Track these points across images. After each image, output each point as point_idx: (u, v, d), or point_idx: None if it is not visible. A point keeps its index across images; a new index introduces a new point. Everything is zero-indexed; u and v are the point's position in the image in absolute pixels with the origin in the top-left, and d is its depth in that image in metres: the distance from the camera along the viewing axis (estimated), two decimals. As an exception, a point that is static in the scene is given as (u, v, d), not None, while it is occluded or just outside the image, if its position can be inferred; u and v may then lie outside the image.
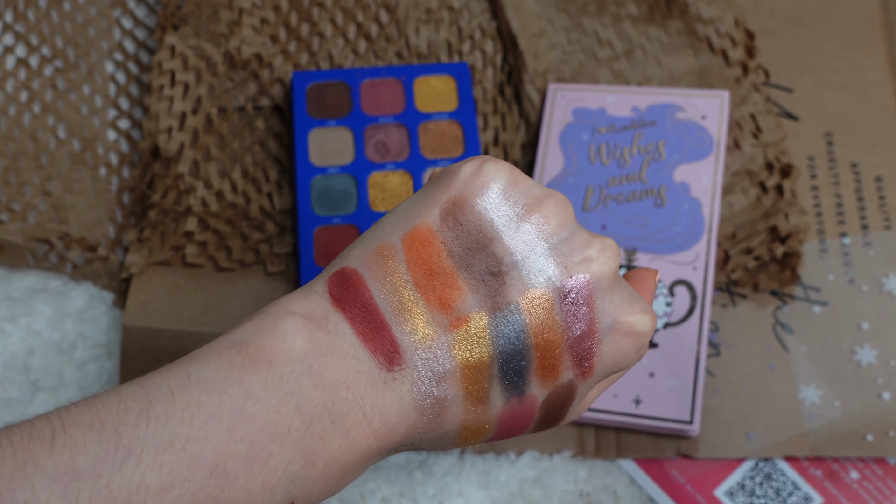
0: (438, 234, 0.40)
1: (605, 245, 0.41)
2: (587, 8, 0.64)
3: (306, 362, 0.37)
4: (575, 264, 0.40)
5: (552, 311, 0.39)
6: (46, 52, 0.63)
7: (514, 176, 0.40)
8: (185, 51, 0.61)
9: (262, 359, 0.37)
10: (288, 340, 0.38)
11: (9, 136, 0.61)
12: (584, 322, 0.40)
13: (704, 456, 0.54)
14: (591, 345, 0.40)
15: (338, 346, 0.38)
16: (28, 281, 0.59)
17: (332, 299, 0.39)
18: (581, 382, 0.41)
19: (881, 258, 0.57)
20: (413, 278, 0.39)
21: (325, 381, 0.37)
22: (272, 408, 0.36)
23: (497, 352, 0.39)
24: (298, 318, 0.38)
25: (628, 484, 0.54)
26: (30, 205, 0.60)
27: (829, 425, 0.54)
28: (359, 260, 0.40)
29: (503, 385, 0.40)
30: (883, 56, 0.62)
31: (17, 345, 0.58)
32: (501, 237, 0.39)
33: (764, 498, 0.53)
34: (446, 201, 0.40)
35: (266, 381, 0.37)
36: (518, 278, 0.39)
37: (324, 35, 0.63)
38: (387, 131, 0.59)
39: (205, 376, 0.36)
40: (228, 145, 0.60)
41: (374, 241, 0.41)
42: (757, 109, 0.60)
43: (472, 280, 0.39)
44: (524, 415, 0.41)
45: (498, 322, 0.39)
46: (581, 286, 0.40)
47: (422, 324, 0.39)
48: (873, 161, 0.60)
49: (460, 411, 0.40)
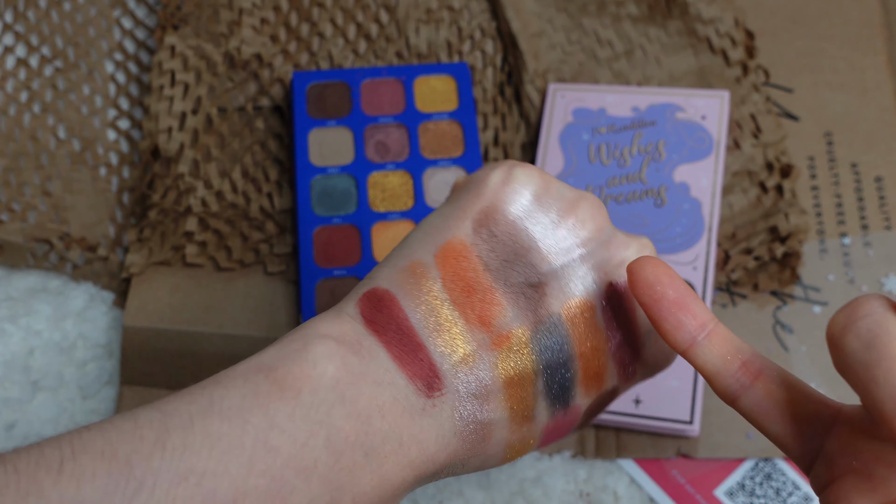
0: (473, 248, 0.38)
1: (643, 245, 0.39)
2: (587, 8, 0.64)
3: (338, 390, 0.35)
4: (614, 268, 0.38)
5: (594, 319, 0.38)
6: (46, 52, 0.63)
7: (545, 180, 0.38)
8: (185, 51, 0.61)
9: (291, 386, 0.34)
10: (319, 367, 0.35)
11: (9, 136, 0.61)
12: (627, 327, 0.38)
13: (704, 456, 0.54)
14: (635, 349, 0.38)
15: (372, 371, 0.35)
16: (28, 281, 0.59)
17: (364, 321, 0.37)
18: (623, 385, 0.39)
19: (881, 258, 0.57)
20: (450, 296, 0.37)
21: (359, 411, 0.35)
22: (299, 440, 0.33)
23: (541, 366, 0.37)
24: (330, 342, 0.36)
25: (628, 484, 0.54)
26: (30, 205, 0.60)
27: (829, 425, 0.54)
28: (389, 280, 0.38)
29: (548, 400, 0.38)
30: (883, 56, 0.62)
31: (18, 345, 0.58)
32: (538, 246, 0.37)
33: (764, 498, 0.53)
34: (479, 212, 0.38)
35: (294, 411, 0.34)
36: (558, 288, 0.37)
37: (324, 35, 0.63)
38: (387, 131, 0.59)
39: (228, 403, 0.34)
40: (228, 145, 0.60)
41: (404, 259, 0.38)
42: (757, 109, 0.60)
43: (512, 293, 0.37)
44: (568, 424, 0.39)
45: (541, 336, 0.37)
46: (622, 291, 0.38)
47: (462, 344, 0.37)
48: (873, 161, 0.60)
49: (505, 433, 0.37)
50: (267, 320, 0.56)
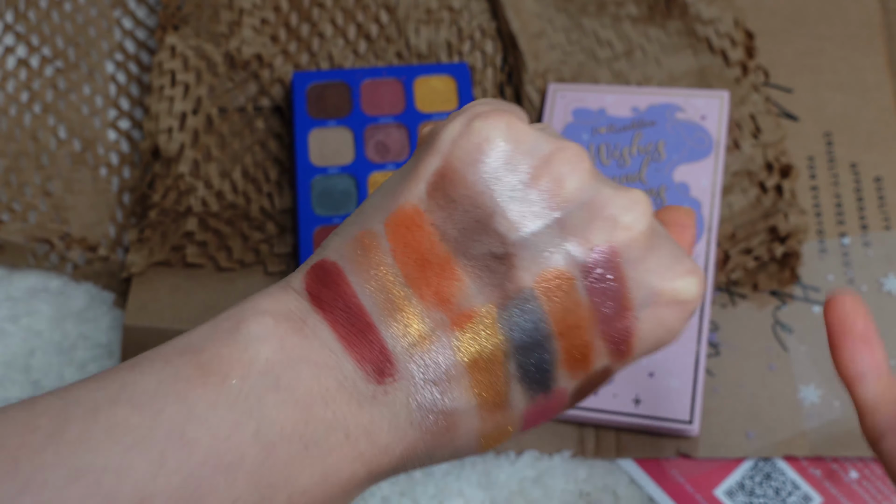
0: (427, 215, 0.33)
1: (633, 200, 0.33)
2: (587, 8, 0.64)
3: (273, 375, 0.31)
4: (596, 231, 0.33)
5: (574, 292, 0.33)
6: (47, 52, 0.63)
7: (514, 131, 0.33)
8: (185, 51, 0.61)
9: (217, 371, 0.30)
10: (251, 348, 0.31)
11: (10, 137, 0.61)
12: (615, 299, 0.33)
13: (704, 455, 0.54)
14: (627, 324, 0.34)
15: (315, 353, 0.32)
16: (29, 281, 0.59)
17: (310, 297, 0.33)
18: (618, 365, 0.35)
19: (880, 258, 0.57)
20: (402, 270, 0.33)
21: (297, 398, 0.31)
22: (222, 432, 0.30)
23: (512, 348, 0.33)
24: (268, 319, 0.32)
25: (628, 484, 0.54)
26: (30, 205, 0.60)
27: (828, 425, 0.54)
28: (338, 251, 0.34)
29: (525, 384, 0.33)
30: (882, 57, 0.62)
31: (18, 345, 0.58)
32: (504, 211, 0.32)
33: (763, 497, 0.53)
34: (433, 173, 0.33)
35: (217, 399, 0.30)
36: (529, 258, 0.32)
37: (324, 35, 0.63)
38: (387, 131, 0.59)
39: (141, 389, 0.30)
40: (229, 145, 0.60)
41: (354, 227, 0.34)
42: (756, 110, 0.60)
43: (474, 267, 0.33)
44: (553, 408, 0.35)
45: (510, 313, 0.33)
46: (606, 258, 0.33)
47: (416, 324, 0.32)
48: (873, 161, 0.60)
49: (475, 422, 0.33)
50: (267, 320, 0.56)
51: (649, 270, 0.34)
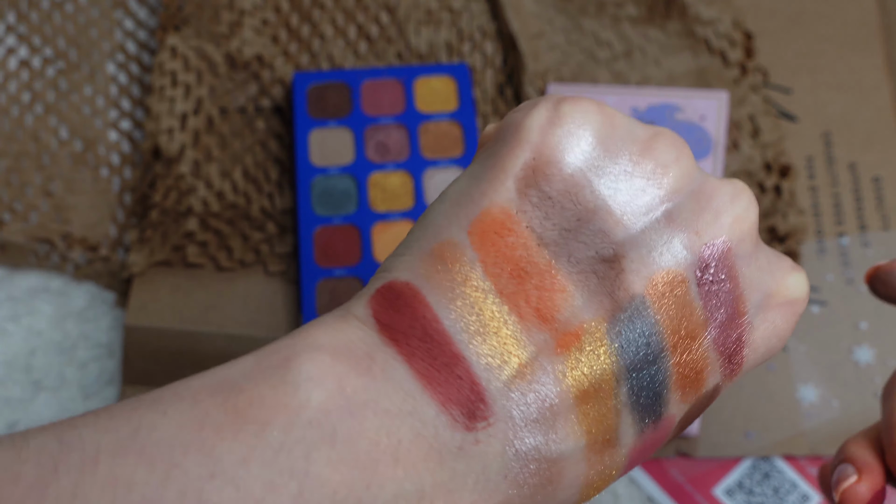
0: (521, 217, 0.28)
1: (738, 190, 0.29)
2: (586, 9, 0.64)
3: (327, 425, 0.25)
4: (708, 225, 0.29)
5: (688, 297, 0.28)
6: (49, 53, 0.64)
7: (607, 115, 0.29)
8: (186, 52, 0.62)
9: (255, 418, 0.24)
10: (301, 391, 0.25)
11: (11, 137, 0.61)
12: (730, 303, 0.29)
13: (703, 455, 0.54)
14: (741, 332, 0.29)
15: (386, 398, 0.26)
16: (30, 281, 0.60)
17: (378, 326, 0.27)
18: (727, 383, 0.30)
19: (879, 258, 0.57)
20: (495, 284, 0.27)
21: (357, 454, 0.25)
22: (251, 495, 0.24)
23: (623, 368, 0.27)
24: (324, 356, 0.26)
25: (627, 483, 0.54)
26: (32, 205, 0.60)
27: (827, 424, 0.54)
28: (411, 269, 0.28)
29: (635, 413, 0.28)
30: (881, 57, 0.62)
31: (19, 344, 0.58)
32: (609, 205, 0.28)
33: (762, 496, 0.53)
34: (523, 167, 0.28)
35: (250, 454, 0.24)
36: (639, 259, 0.28)
37: (324, 36, 0.63)
38: (387, 132, 0.59)
39: (157, 436, 0.24)
40: (229, 146, 0.60)
41: (428, 239, 0.28)
42: (755, 110, 0.60)
43: (580, 273, 0.28)
44: (656, 443, 0.29)
45: (621, 327, 0.27)
46: (721, 254, 0.29)
47: (515, 350, 0.27)
48: (871, 161, 0.60)
49: (582, 468, 0.27)
50: (267, 320, 0.56)
51: (761, 268, 0.30)
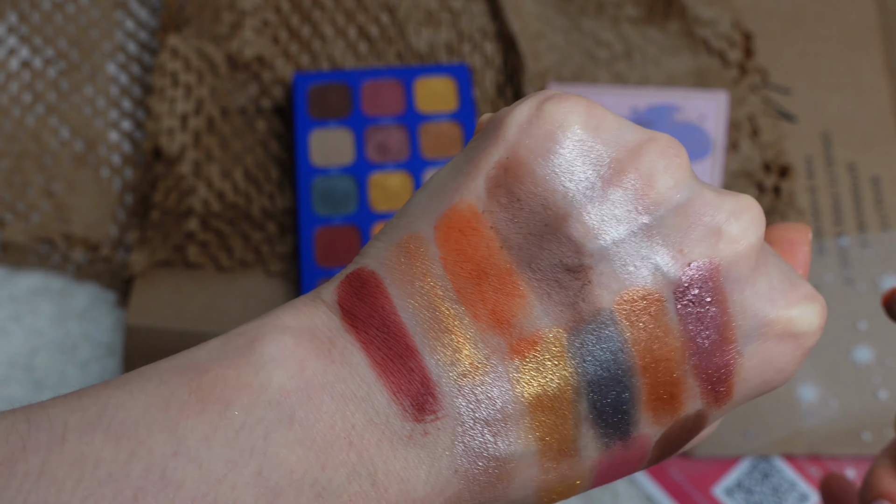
0: (486, 216, 0.27)
1: (741, 206, 0.28)
2: (586, 9, 0.64)
3: (286, 407, 0.26)
4: (696, 243, 0.27)
5: (664, 317, 0.27)
6: (50, 53, 0.64)
7: (594, 117, 0.27)
8: (187, 52, 0.62)
9: (217, 397, 0.25)
10: (263, 373, 0.26)
11: (13, 138, 0.62)
12: (715, 328, 0.27)
13: (703, 454, 0.54)
14: (728, 360, 0.28)
15: (342, 382, 0.26)
16: (31, 281, 0.60)
17: (342, 313, 0.27)
18: (714, 411, 0.29)
19: (878, 258, 0.58)
20: (453, 283, 0.27)
21: (314, 436, 0.26)
22: (214, 472, 0.24)
23: (584, 382, 0.27)
24: (289, 338, 0.27)
25: (627, 483, 0.54)
26: (33, 205, 0.60)
27: (826, 424, 0.54)
28: (378, 258, 0.28)
29: (598, 429, 0.28)
30: (880, 57, 0.62)
31: (21, 344, 0.58)
32: (580, 213, 0.27)
33: (761, 496, 0.53)
34: (495, 166, 0.27)
35: (213, 433, 0.25)
36: (610, 272, 0.27)
37: (325, 37, 0.63)
38: (387, 132, 0.59)
39: (123, 415, 0.25)
40: (230, 146, 0.60)
41: (400, 230, 0.28)
42: (755, 110, 0.61)
43: (540, 281, 0.27)
44: (631, 460, 0.29)
45: (583, 340, 0.27)
46: (707, 276, 0.27)
47: (467, 350, 0.27)
48: (870, 161, 0.60)
49: (535, 471, 0.28)
50: (268, 320, 0.56)
51: (758, 294, 0.28)
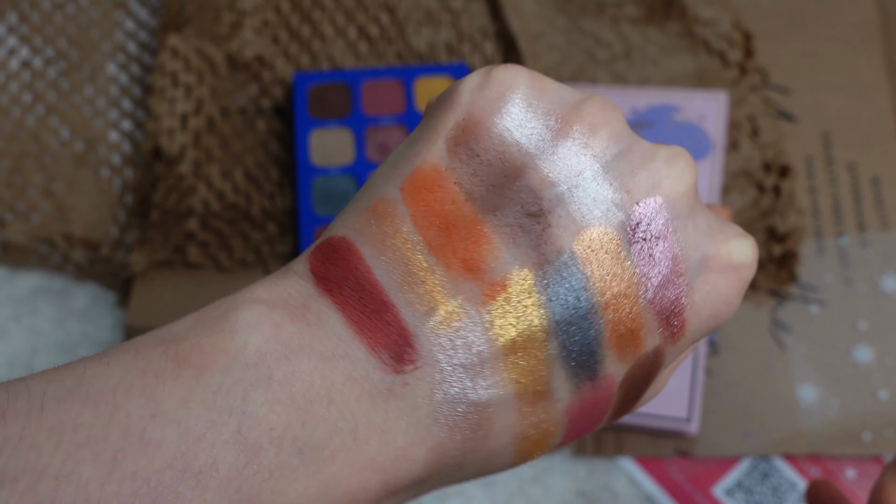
0: (449, 173, 0.29)
1: (675, 153, 0.30)
2: (586, 10, 0.64)
3: (263, 368, 0.26)
4: (640, 184, 0.29)
5: (619, 254, 0.29)
6: (50, 54, 0.64)
7: (537, 80, 0.30)
8: (187, 52, 0.62)
9: (195, 363, 0.26)
10: (238, 338, 0.27)
11: (13, 138, 0.62)
12: (665, 262, 0.29)
13: (703, 454, 0.54)
14: (679, 293, 0.30)
15: (319, 343, 0.27)
16: (31, 281, 0.60)
17: (315, 280, 0.29)
18: (670, 347, 0.30)
19: (878, 258, 0.58)
20: (424, 237, 0.28)
21: (293, 395, 0.26)
22: (192, 431, 0.25)
23: (553, 322, 0.28)
24: (262, 307, 0.27)
25: (627, 482, 0.54)
26: (33, 205, 0.60)
27: (826, 424, 0.54)
28: (347, 225, 0.30)
29: (568, 367, 0.29)
30: (880, 57, 0.62)
31: (21, 344, 0.58)
32: (536, 163, 0.29)
33: (761, 496, 0.53)
34: (452, 127, 0.30)
35: (189, 396, 0.26)
36: (567, 216, 0.29)
37: (325, 37, 0.63)
38: (387, 132, 0.59)
39: (101, 383, 0.26)
40: (230, 146, 0.60)
41: (366, 198, 0.30)
42: (755, 110, 0.61)
43: (506, 227, 0.29)
44: (598, 403, 0.30)
45: (549, 280, 0.28)
46: (654, 213, 0.29)
47: (442, 298, 0.28)
48: (870, 162, 0.60)
49: (513, 416, 0.28)
50: (268, 320, 0.56)
51: (698, 230, 0.30)
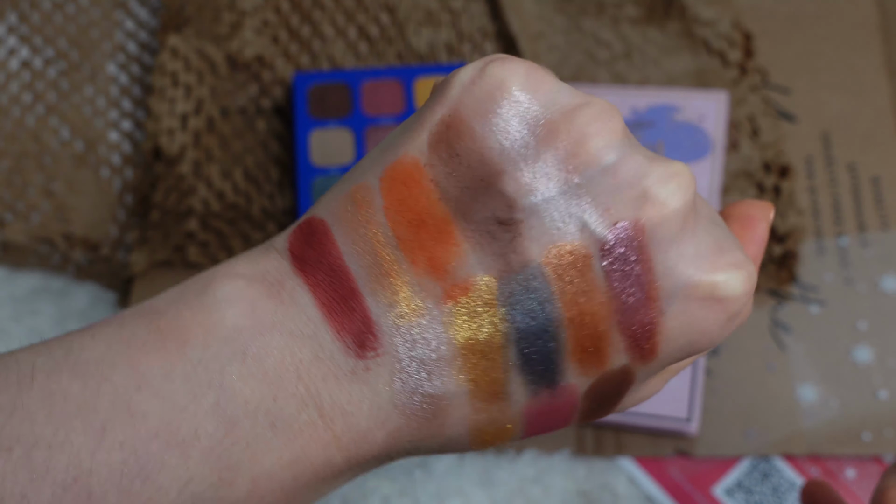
0: (427, 169, 0.29)
1: (671, 171, 0.29)
2: (586, 9, 0.64)
3: (239, 343, 0.28)
4: (623, 204, 0.28)
5: (590, 273, 0.28)
6: (50, 53, 0.64)
7: (533, 80, 0.29)
8: (187, 52, 0.62)
9: (176, 336, 0.28)
10: (217, 312, 0.28)
11: (13, 137, 0.62)
12: (639, 286, 0.29)
13: (703, 454, 0.54)
14: (651, 318, 0.29)
15: (290, 320, 0.29)
16: (31, 281, 0.60)
17: (292, 259, 0.30)
18: (639, 367, 0.30)
19: (878, 258, 0.58)
20: (394, 231, 0.29)
21: (266, 370, 0.28)
22: (175, 404, 0.27)
23: (513, 330, 0.29)
24: (240, 281, 0.29)
25: (627, 482, 0.54)
26: (33, 205, 0.60)
27: (826, 424, 0.54)
28: (328, 207, 0.30)
29: (526, 375, 0.30)
30: (880, 57, 0.62)
31: (21, 344, 0.58)
32: (513, 170, 0.28)
33: (762, 496, 0.53)
34: (437, 123, 0.29)
35: (172, 368, 0.28)
36: (539, 227, 0.28)
37: (325, 37, 0.63)
38: (387, 132, 0.59)
39: (88, 356, 0.27)
40: (230, 146, 0.60)
41: (348, 182, 0.30)
42: (755, 110, 0.61)
43: (475, 232, 0.29)
44: (560, 409, 0.31)
45: (513, 289, 0.29)
46: (631, 235, 0.28)
47: (405, 293, 0.29)
48: (870, 162, 0.60)
49: (467, 411, 0.30)
50: (268, 320, 0.56)
51: (683, 256, 0.29)
